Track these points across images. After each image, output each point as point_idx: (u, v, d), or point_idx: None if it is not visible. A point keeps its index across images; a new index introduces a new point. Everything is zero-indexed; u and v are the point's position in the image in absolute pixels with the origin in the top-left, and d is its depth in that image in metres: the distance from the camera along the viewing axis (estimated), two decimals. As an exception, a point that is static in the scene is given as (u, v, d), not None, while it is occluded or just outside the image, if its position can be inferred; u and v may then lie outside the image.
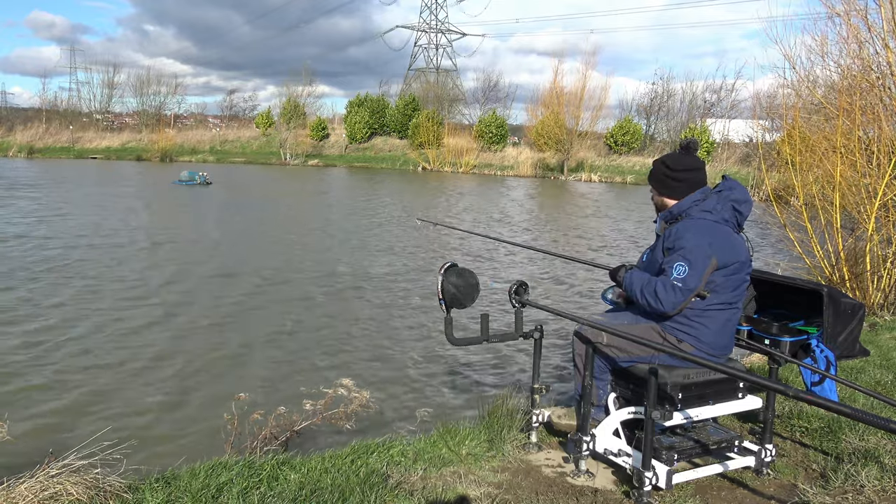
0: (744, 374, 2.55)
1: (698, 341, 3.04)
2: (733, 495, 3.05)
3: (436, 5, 71.84)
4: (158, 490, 2.72)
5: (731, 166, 37.40)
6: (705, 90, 47.94)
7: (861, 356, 3.31)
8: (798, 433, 3.73)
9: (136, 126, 56.25)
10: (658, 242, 3.22)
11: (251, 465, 3.00)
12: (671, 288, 2.96)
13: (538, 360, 3.50)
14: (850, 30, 7.73)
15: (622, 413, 3.15)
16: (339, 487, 2.82)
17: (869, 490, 2.90)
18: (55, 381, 6.45)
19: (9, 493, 2.52)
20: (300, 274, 11.87)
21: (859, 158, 7.42)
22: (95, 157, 47.80)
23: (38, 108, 60.05)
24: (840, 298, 3.12)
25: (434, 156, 46.36)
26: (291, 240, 15.75)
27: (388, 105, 53.17)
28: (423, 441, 3.48)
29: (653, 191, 3.31)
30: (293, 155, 48.16)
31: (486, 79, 60.92)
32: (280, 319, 8.98)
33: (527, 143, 47.01)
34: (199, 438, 5.28)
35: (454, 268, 3.22)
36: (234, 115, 65.75)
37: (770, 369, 3.24)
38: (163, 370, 6.90)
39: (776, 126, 16.86)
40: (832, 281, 7.72)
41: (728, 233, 3.08)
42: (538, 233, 18.91)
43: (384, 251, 14.53)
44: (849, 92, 7.59)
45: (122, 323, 8.48)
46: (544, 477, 3.20)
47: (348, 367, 7.05)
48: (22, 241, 14.00)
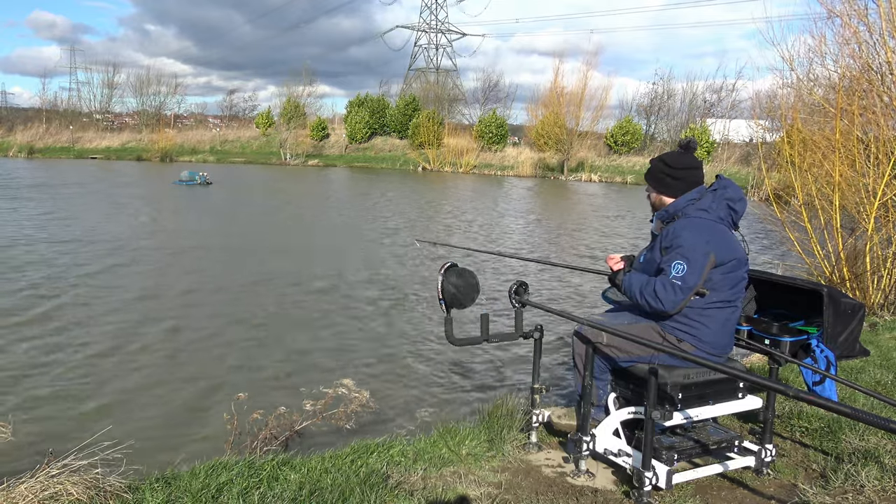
0: (744, 374, 2.55)
1: (698, 340, 3.04)
2: (733, 495, 3.05)
3: (436, 5, 71.88)
4: (158, 490, 2.72)
5: (731, 166, 37.41)
6: (705, 90, 48.03)
7: (861, 356, 3.31)
8: (798, 433, 3.73)
9: (136, 126, 56.24)
10: (655, 242, 3.22)
11: (251, 465, 3.00)
12: (671, 287, 2.96)
13: (538, 360, 3.50)
14: (849, 29, 7.73)
15: (622, 413, 3.15)
16: (339, 487, 2.82)
17: (869, 490, 2.90)
18: (55, 382, 6.45)
19: (9, 493, 2.52)
20: (300, 274, 11.86)
21: (858, 158, 7.42)
22: (95, 157, 47.79)
23: (39, 108, 60.06)
24: (840, 298, 3.12)
25: (434, 156, 46.36)
26: (291, 240, 15.74)
27: (388, 105, 53.17)
28: (423, 441, 3.48)
29: (650, 189, 3.32)
30: (293, 155, 48.17)
31: (487, 79, 61.03)
32: (280, 319, 8.98)
33: (527, 143, 47.00)
34: (199, 438, 5.28)
35: (454, 268, 3.22)
36: (234, 115, 65.75)
37: (770, 369, 3.24)
38: (163, 370, 6.90)
39: (776, 126, 16.87)
40: (832, 281, 7.72)
41: (724, 231, 3.09)
42: (539, 233, 18.90)
43: (384, 251, 14.53)
44: (848, 92, 7.59)
45: (122, 323, 8.48)
46: (544, 477, 3.20)
47: (348, 367, 7.05)
48: (22, 241, 14.01)
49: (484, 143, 46.93)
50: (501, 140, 47.41)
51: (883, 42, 7.46)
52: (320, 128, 51.63)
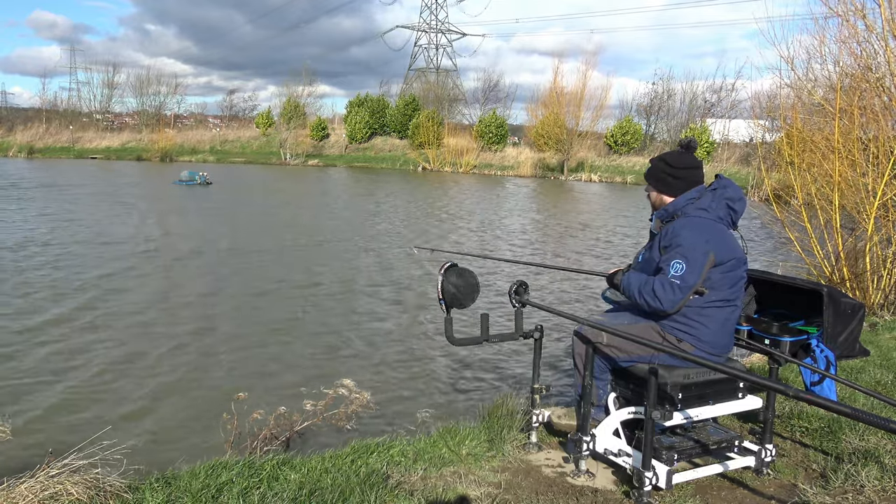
0: (744, 374, 2.55)
1: (698, 340, 3.04)
2: (733, 495, 3.05)
3: (436, 5, 71.83)
4: (158, 490, 2.72)
5: (731, 166, 37.40)
6: (706, 90, 47.99)
7: (861, 356, 3.31)
8: (798, 433, 3.73)
9: (136, 126, 56.23)
10: (654, 241, 3.22)
11: (251, 465, 3.00)
12: (670, 286, 2.96)
13: (538, 360, 3.50)
14: (848, 29, 7.73)
15: (622, 413, 3.15)
16: (339, 487, 2.82)
17: (869, 490, 2.90)
18: (55, 382, 6.45)
19: (9, 493, 2.52)
20: (299, 274, 11.86)
21: (858, 158, 7.42)
22: (95, 157, 47.78)
23: (38, 108, 60.06)
24: (840, 298, 3.12)
25: (434, 156, 46.35)
26: (291, 241, 15.74)
27: (388, 105, 53.16)
28: (423, 441, 3.48)
29: (650, 188, 3.32)
30: (293, 155, 48.15)
31: (487, 79, 60.98)
32: (280, 319, 8.98)
33: (527, 143, 46.97)
34: (199, 438, 5.28)
35: (454, 268, 3.22)
36: (234, 115, 65.74)
37: (770, 369, 3.24)
38: (163, 370, 6.90)
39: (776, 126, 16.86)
40: (832, 281, 7.72)
41: (724, 230, 3.10)
42: (539, 234, 18.90)
43: (384, 251, 14.53)
44: (847, 91, 7.58)
45: (122, 323, 8.49)
46: (544, 477, 3.20)
47: (348, 368, 7.06)
48: (23, 243, 14.00)
49: (484, 143, 46.91)
50: (501, 140, 47.40)
51: (884, 45, 7.45)
52: (320, 128, 51.62)
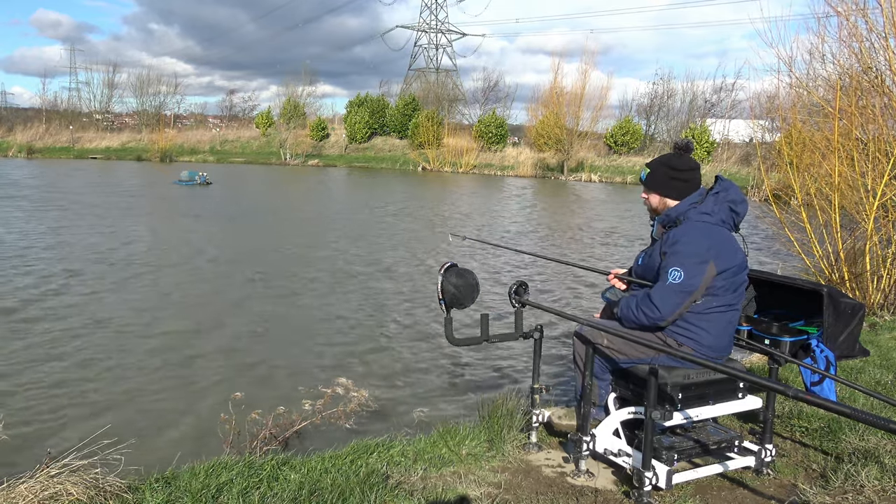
0: (744, 374, 2.55)
1: (699, 344, 3.02)
2: (733, 495, 3.05)
3: (436, 5, 71.80)
4: (158, 490, 2.72)
5: (731, 166, 37.39)
6: (706, 90, 47.98)
7: (861, 356, 3.31)
8: (798, 433, 3.73)
9: (136, 126, 56.27)
10: (655, 246, 3.20)
11: (251, 465, 3.00)
12: (668, 293, 2.95)
13: (538, 360, 3.50)
14: (849, 28, 7.72)
15: (622, 413, 3.15)
16: (339, 487, 2.82)
17: (869, 490, 2.90)
18: (55, 382, 6.45)
19: (9, 493, 2.52)
20: (299, 274, 11.86)
21: (858, 158, 7.42)
22: (95, 157, 47.79)
23: (39, 108, 60.09)
24: (840, 298, 3.12)
25: (434, 156, 46.34)
26: (291, 240, 15.74)
27: (388, 105, 53.15)
28: (423, 441, 3.48)
29: (650, 193, 3.26)
30: (293, 155, 48.16)
31: (487, 78, 61.00)
32: (279, 319, 8.98)
33: (527, 143, 46.94)
34: (199, 438, 5.27)
35: (454, 268, 3.22)
36: (233, 116, 65.76)
37: (770, 369, 3.24)
38: (162, 370, 6.90)
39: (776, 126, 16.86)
40: (832, 281, 7.72)
41: (726, 235, 3.08)
42: (539, 234, 18.90)
43: (384, 251, 14.53)
44: (847, 91, 7.58)
45: (122, 323, 8.48)
46: (544, 477, 3.20)
47: (347, 367, 7.05)
48: (24, 244, 14.00)
49: (484, 143, 46.90)
50: (501, 140, 47.39)
51: (885, 45, 7.45)
52: (320, 128, 51.62)
